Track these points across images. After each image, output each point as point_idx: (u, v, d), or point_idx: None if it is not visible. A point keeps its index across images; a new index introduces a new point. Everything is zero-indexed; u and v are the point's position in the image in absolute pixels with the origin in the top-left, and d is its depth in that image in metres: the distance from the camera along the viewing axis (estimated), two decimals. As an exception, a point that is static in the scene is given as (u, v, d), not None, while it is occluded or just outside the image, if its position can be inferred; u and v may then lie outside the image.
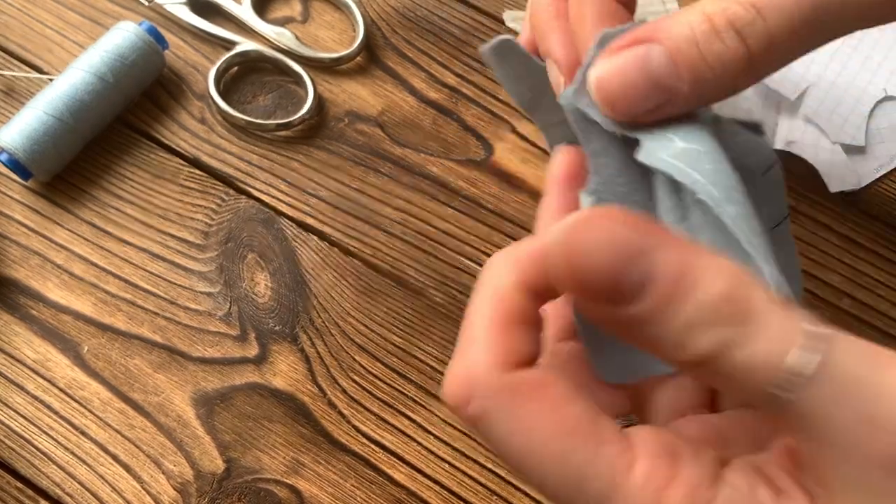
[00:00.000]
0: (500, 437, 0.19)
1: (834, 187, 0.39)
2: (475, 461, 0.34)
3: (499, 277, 0.20)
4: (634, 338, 0.18)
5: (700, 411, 0.24)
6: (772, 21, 0.22)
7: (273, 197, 0.39)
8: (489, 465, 0.34)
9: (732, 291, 0.17)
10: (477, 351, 0.20)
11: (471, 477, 0.34)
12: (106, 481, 0.33)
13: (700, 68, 0.23)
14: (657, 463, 0.18)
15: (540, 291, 0.20)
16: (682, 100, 0.23)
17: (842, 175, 0.40)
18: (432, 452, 0.34)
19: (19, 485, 0.33)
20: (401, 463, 0.34)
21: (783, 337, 0.17)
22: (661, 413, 0.24)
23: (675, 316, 0.17)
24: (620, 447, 0.19)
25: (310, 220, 0.38)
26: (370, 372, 0.35)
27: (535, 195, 0.39)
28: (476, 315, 0.20)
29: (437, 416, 0.35)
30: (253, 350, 0.36)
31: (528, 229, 0.38)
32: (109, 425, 0.34)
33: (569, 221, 0.18)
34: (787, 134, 0.40)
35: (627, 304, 0.17)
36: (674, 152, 0.23)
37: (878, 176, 0.40)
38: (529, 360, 0.20)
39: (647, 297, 0.17)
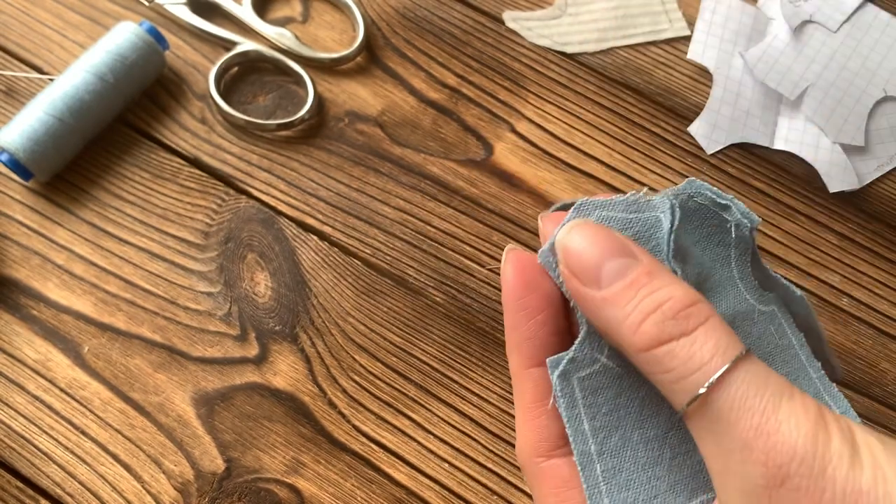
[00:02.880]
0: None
1: (834, 187, 0.39)
2: (475, 461, 0.34)
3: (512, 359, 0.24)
4: (598, 317, 0.22)
5: None
6: None
7: (273, 197, 0.39)
8: (489, 465, 0.34)
9: (687, 301, 0.21)
10: (519, 435, 0.24)
11: (471, 477, 0.34)
12: (106, 481, 0.33)
13: None
14: None
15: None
16: None
17: (842, 175, 0.40)
18: (432, 452, 0.34)
19: (20, 484, 0.33)
20: (401, 463, 0.34)
21: (711, 350, 0.20)
22: None
23: (635, 303, 0.21)
24: None
25: (310, 220, 0.38)
26: (370, 372, 0.36)
27: (534, 195, 0.39)
28: (515, 398, 0.24)
29: (437, 415, 0.35)
30: (253, 350, 0.36)
31: (527, 229, 0.38)
32: (110, 425, 0.34)
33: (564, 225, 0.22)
34: (787, 133, 0.40)
35: (602, 286, 0.21)
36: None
37: (877, 176, 0.40)
38: (560, 442, 0.23)
39: (618, 284, 0.21)
